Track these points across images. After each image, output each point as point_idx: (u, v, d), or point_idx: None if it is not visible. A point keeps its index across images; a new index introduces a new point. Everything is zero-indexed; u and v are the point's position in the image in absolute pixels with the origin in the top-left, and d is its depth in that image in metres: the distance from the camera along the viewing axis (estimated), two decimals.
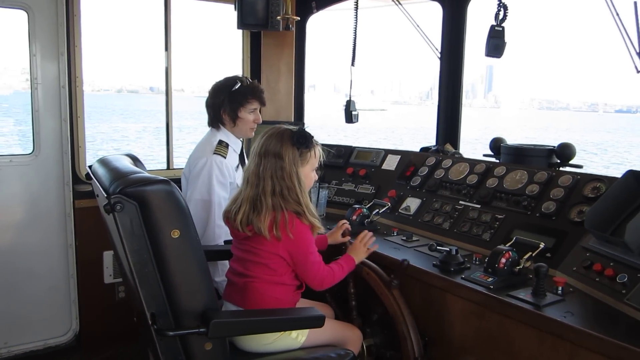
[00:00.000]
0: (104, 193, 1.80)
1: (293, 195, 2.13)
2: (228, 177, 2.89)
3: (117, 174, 1.87)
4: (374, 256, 2.49)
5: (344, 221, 2.70)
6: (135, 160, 2.32)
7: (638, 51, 2.61)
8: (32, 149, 3.49)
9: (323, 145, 3.77)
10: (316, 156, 2.26)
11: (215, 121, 2.99)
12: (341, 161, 3.67)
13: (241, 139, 3.09)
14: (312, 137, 2.22)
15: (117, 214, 1.69)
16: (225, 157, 2.89)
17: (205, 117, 3.04)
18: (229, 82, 2.96)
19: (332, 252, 2.55)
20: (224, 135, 2.98)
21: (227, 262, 2.41)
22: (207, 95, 3.02)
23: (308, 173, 2.23)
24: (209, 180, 2.83)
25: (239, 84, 2.94)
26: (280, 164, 2.13)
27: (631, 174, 2.21)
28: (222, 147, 2.91)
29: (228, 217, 2.22)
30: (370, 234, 2.47)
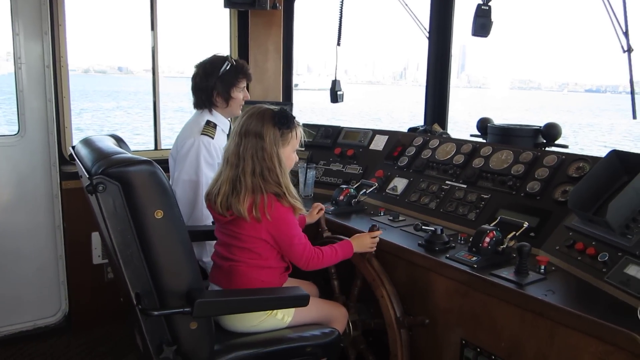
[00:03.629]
0: (86, 174, 1.79)
1: (273, 177, 2.11)
2: (216, 157, 2.88)
3: (99, 155, 1.86)
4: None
5: (319, 205, 2.69)
6: (119, 140, 2.31)
7: (624, 30, 2.61)
8: (17, 129, 3.46)
9: (310, 125, 3.79)
10: (297, 137, 2.23)
11: (206, 103, 2.97)
12: (329, 141, 3.67)
13: (229, 118, 3.08)
14: (294, 117, 2.20)
15: (100, 194, 1.69)
16: (212, 138, 2.89)
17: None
18: (217, 63, 2.94)
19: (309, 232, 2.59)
20: (212, 116, 2.98)
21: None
22: (192, 77, 2.99)
23: (289, 154, 2.22)
24: (196, 161, 2.82)
25: (228, 64, 2.93)
26: (261, 144, 2.11)
27: (614, 154, 2.23)
28: (209, 128, 2.91)
29: (209, 200, 2.21)
30: (380, 232, 2.44)
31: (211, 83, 2.92)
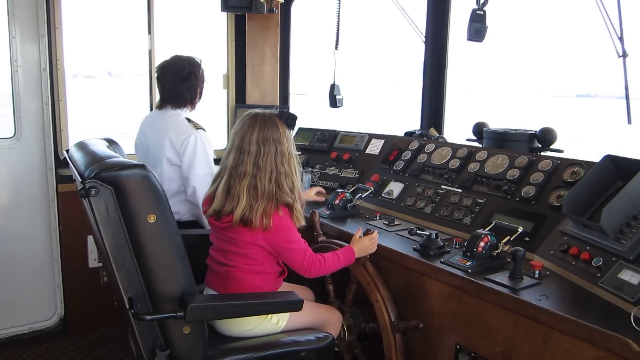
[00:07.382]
0: (79, 177, 1.79)
1: (289, 182, 2.13)
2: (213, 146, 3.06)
3: (92, 158, 1.86)
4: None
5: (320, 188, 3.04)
6: (112, 144, 2.30)
7: (619, 36, 2.61)
8: (13, 132, 3.46)
9: (307, 129, 3.79)
10: None
11: (187, 101, 3.05)
12: (325, 145, 3.66)
13: None
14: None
15: (92, 198, 1.68)
16: (205, 131, 3.02)
17: None
18: (195, 63, 3.07)
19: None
20: (187, 114, 3.09)
21: None
22: (174, 77, 3.02)
23: None
24: (205, 153, 2.96)
25: (201, 64, 3.11)
26: (280, 148, 2.13)
27: (609, 159, 2.22)
28: (196, 123, 3.03)
29: (211, 206, 2.18)
30: (375, 233, 2.43)
31: (198, 81, 3.07)
